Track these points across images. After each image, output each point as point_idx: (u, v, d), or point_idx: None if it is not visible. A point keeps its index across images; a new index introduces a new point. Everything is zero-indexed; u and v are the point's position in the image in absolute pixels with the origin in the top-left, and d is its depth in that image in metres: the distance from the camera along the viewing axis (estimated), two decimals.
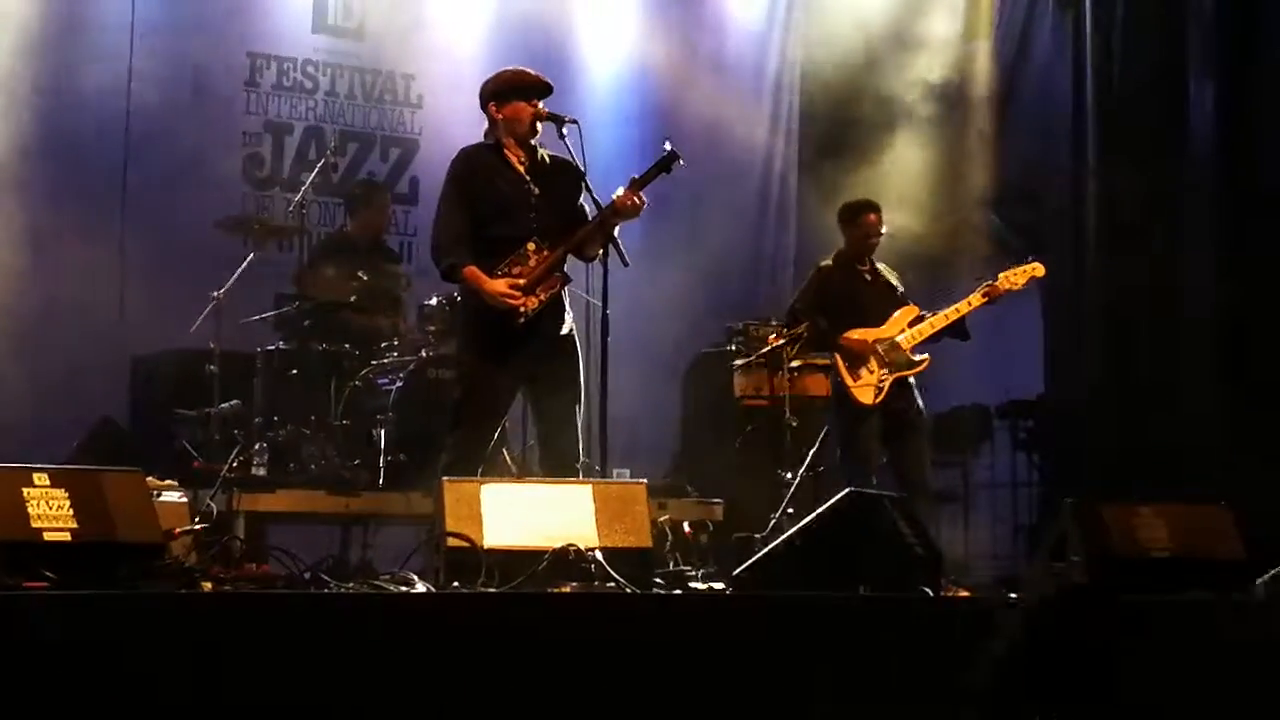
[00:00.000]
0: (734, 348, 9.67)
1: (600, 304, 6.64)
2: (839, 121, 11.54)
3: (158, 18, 9.50)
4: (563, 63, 10.65)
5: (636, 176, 6.60)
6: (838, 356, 8.28)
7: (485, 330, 6.64)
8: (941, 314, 8.34)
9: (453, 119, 10.34)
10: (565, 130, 6.66)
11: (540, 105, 6.73)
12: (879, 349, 8.24)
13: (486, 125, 6.83)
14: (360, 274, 8.63)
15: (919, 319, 8.33)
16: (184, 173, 9.25)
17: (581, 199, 6.73)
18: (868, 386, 8.21)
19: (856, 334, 8.28)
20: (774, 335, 9.02)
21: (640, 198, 6.56)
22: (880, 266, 8.60)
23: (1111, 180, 10.53)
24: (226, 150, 9.77)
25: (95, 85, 9.25)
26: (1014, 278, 8.29)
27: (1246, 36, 10.03)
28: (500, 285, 6.53)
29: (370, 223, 9.24)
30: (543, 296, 6.59)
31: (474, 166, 6.76)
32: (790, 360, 8.83)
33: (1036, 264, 8.36)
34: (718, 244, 10.95)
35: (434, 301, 8.56)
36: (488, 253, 6.61)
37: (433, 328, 8.53)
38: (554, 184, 6.71)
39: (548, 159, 6.80)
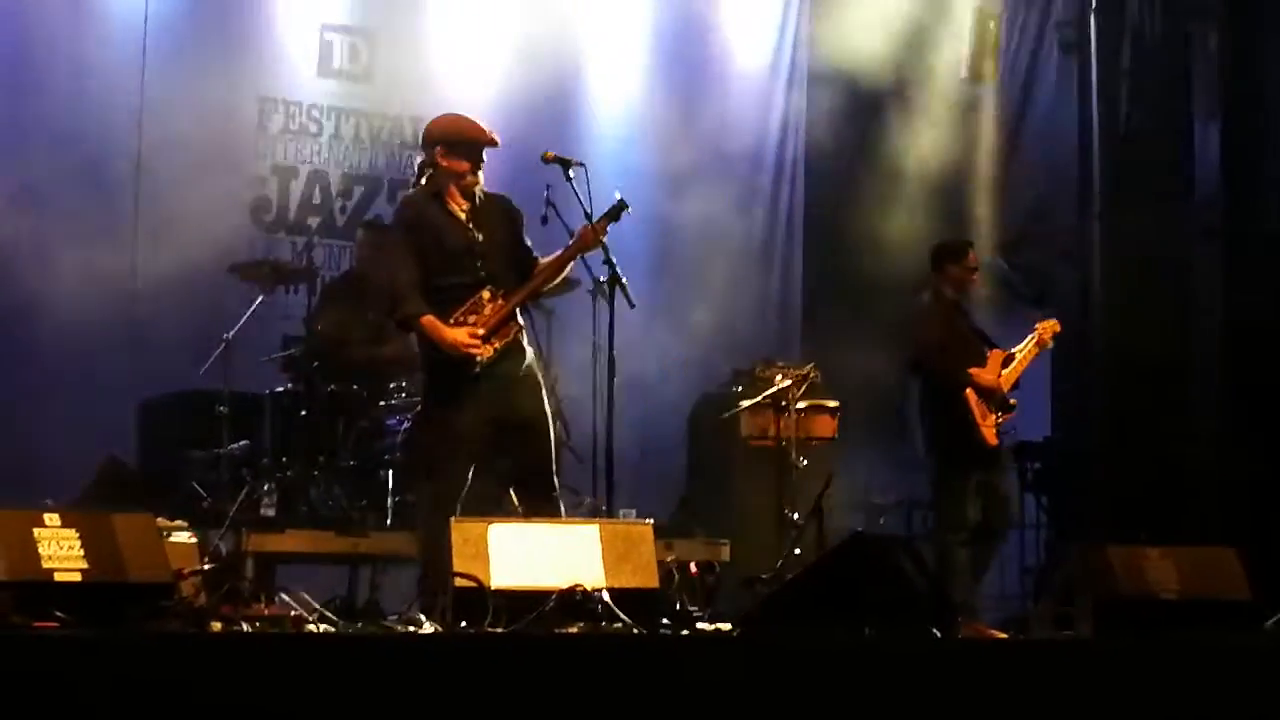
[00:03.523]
0: (740, 389, 9.67)
1: (606, 345, 6.65)
2: (844, 164, 11.57)
3: (167, 61, 9.55)
4: (570, 106, 10.71)
5: (592, 222, 6.61)
6: (971, 396, 8.01)
7: (444, 378, 6.57)
8: (1022, 354, 8.28)
9: None
10: (572, 173, 6.67)
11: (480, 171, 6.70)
12: (1000, 389, 8.09)
13: (420, 166, 6.76)
14: (368, 315, 8.68)
15: (1008, 359, 8.23)
16: (192, 216, 9.27)
17: (525, 238, 6.75)
18: (990, 428, 8.03)
19: (981, 374, 8.09)
20: (780, 376, 9.03)
21: (603, 231, 6.59)
22: None
23: (1117, 223, 10.55)
24: (233, 194, 9.79)
25: (104, 128, 9.29)
26: (1050, 327, 8.45)
27: (1250, 79, 10.07)
28: (461, 335, 6.45)
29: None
30: (498, 345, 6.53)
31: (421, 216, 6.67)
32: (796, 401, 8.84)
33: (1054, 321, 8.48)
34: (724, 286, 10.96)
35: None
36: (440, 301, 6.54)
37: None
38: (495, 227, 6.67)
39: (485, 199, 6.73)
